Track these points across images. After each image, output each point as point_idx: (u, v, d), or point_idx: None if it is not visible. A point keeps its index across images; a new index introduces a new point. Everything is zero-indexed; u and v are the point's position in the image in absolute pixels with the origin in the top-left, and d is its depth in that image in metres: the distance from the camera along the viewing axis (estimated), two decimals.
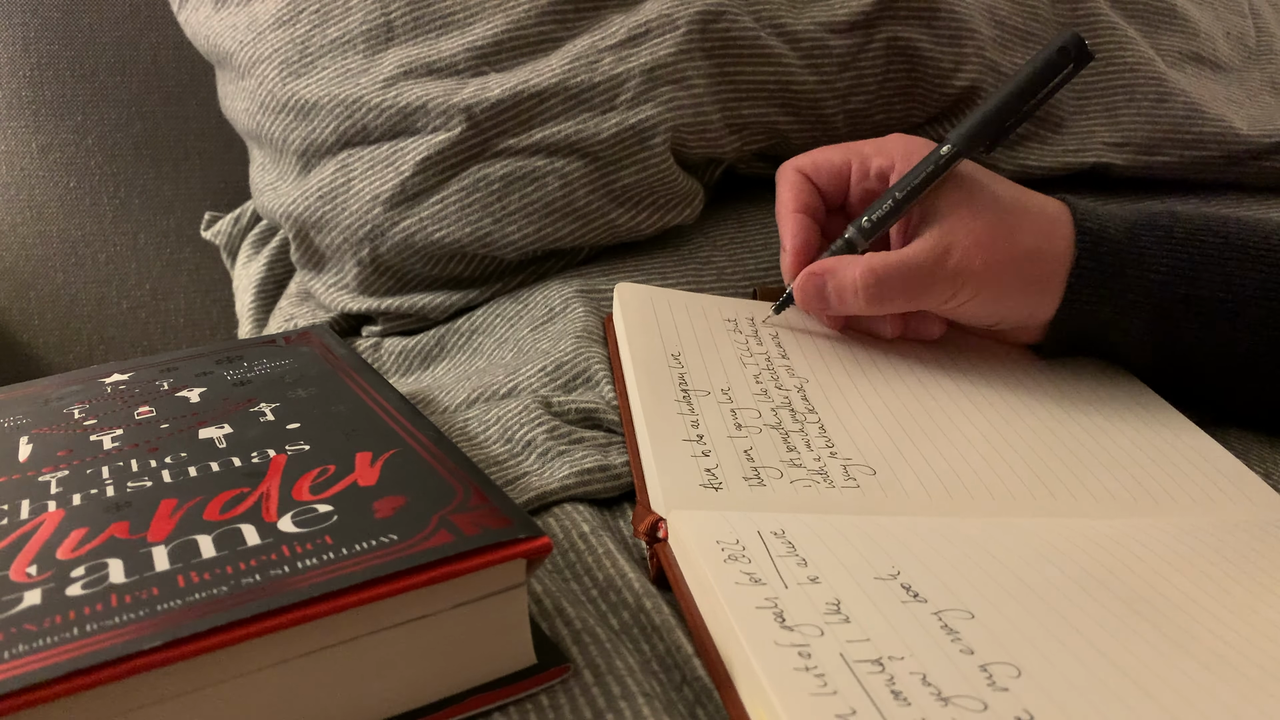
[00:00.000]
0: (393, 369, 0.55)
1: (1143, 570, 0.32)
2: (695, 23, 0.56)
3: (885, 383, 0.45)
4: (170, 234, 0.86)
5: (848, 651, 0.27)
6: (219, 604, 0.25)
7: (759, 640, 0.27)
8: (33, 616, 0.25)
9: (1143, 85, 0.64)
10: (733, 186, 0.63)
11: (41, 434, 0.37)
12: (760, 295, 0.53)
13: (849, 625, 0.28)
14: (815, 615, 0.28)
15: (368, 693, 0.27)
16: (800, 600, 0.29)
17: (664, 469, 0.36)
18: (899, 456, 0.40)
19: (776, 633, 0.27)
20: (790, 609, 0.28)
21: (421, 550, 0.27)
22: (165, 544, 0.28)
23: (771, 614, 0.28)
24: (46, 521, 0.30)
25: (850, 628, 0.28)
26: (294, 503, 0.30)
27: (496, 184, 0.53)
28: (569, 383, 0.46)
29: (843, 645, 0.27)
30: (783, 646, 0.27)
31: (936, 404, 0.44)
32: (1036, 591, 0.30)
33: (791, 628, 0.27)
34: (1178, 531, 0.35)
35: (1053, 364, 0.48)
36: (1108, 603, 0.30)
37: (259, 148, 0.62)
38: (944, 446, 0.41)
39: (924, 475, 0.39)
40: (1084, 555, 0.33)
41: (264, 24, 0.59)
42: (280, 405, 0.38)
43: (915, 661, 0.26)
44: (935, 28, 0.61)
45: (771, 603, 0.29)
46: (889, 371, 0.46)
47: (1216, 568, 0.32)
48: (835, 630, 0.28)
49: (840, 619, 0.28)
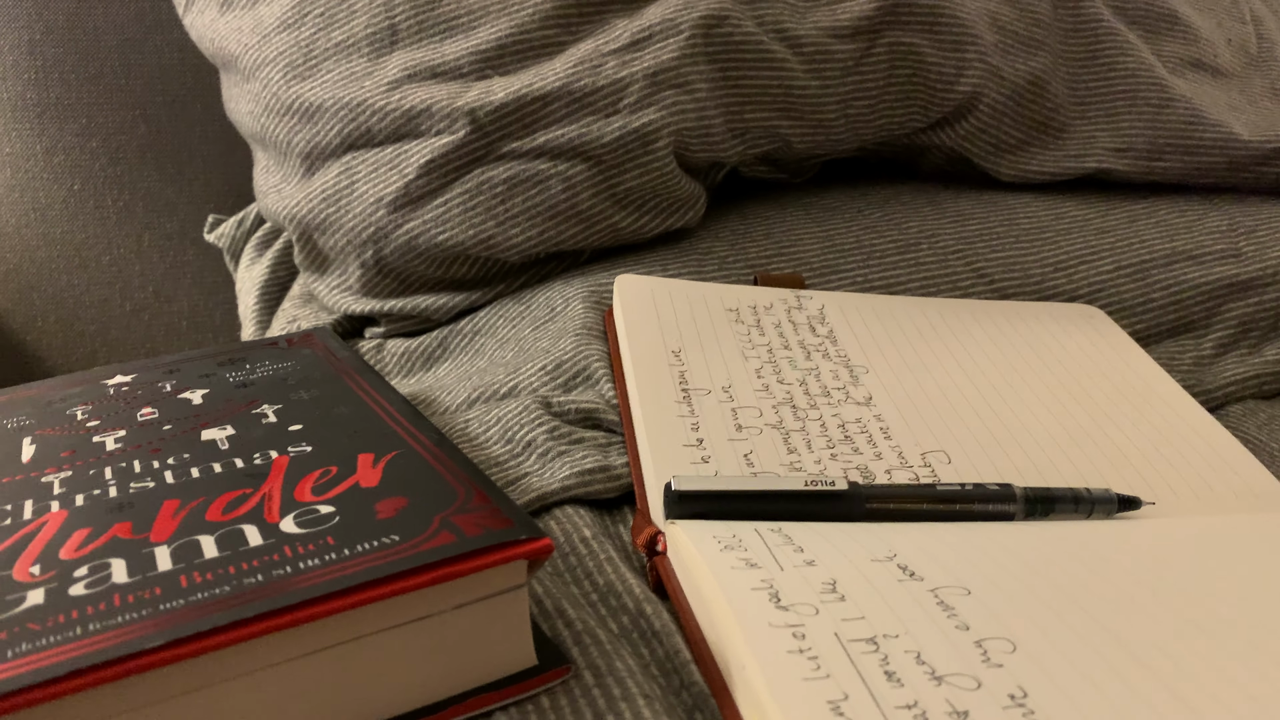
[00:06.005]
0: (395, 370, 0.55)
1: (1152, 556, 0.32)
2: (698, 27, 0.56)
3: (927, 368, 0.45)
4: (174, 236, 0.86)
5: (843, 630, 0.27)
6: (221, 604, 0.25)
7: (753, 623, 0.27)
8: (36, 616, 0.25)
9: (1144, 91, 0.64)
10: (734, 183, 0.64)
11: (45, 435, 0.37)
12: (760, 281, 0.53)
13: (845, 604, 0.28)
14: (811, 594, 0.28)
15: (369, 693, 0.28)
16: (796, 581, 0.29)
17: (664, 478, 0.36)
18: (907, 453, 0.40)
19: (771, 613, 0.27)
20: (786, 589, 0.28)
21: (423, 551, 0.27)
22: (168, 544, 0.28)
23: (767, 594, 0.28)
24: (49, 522, 0.30)
25: (846, 606, 0.28)
26: (296, 504, 0.30)
27: (500, 187, 0.53)
28: (569, 381, 0.46)
29: (838, 624, 0.27)
30: (777, 628, 0.27)
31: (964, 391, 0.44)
32: (1035, 568, 0.30)
33: (787, 607, 0.27)
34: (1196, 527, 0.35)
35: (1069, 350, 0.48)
36: (1113, 579, 0.30)
37: (263, 150, 0.62)
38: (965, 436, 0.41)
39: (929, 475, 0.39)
40: (1090, 538, 0.33)
41: (269, 27, 0.59)
42: (282, 407, 0.38)
43: (910, 639, 0.26)
44: (938, 33, 0.61)
45: (767, 584, 0.29)
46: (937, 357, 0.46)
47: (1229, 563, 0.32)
48: (831, 609, 0.28)
49: (836, 597, 0.28)
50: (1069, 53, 0.65)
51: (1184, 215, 0.62)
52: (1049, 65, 0.64)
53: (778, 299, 0.50)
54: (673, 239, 0.58)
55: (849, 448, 0.40)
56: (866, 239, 0.58)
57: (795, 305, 0.50)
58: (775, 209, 0.62)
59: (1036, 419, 0.43)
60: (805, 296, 0.51)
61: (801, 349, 0.46)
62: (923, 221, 0.60)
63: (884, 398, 0.43)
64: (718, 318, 0.48)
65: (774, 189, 0.65)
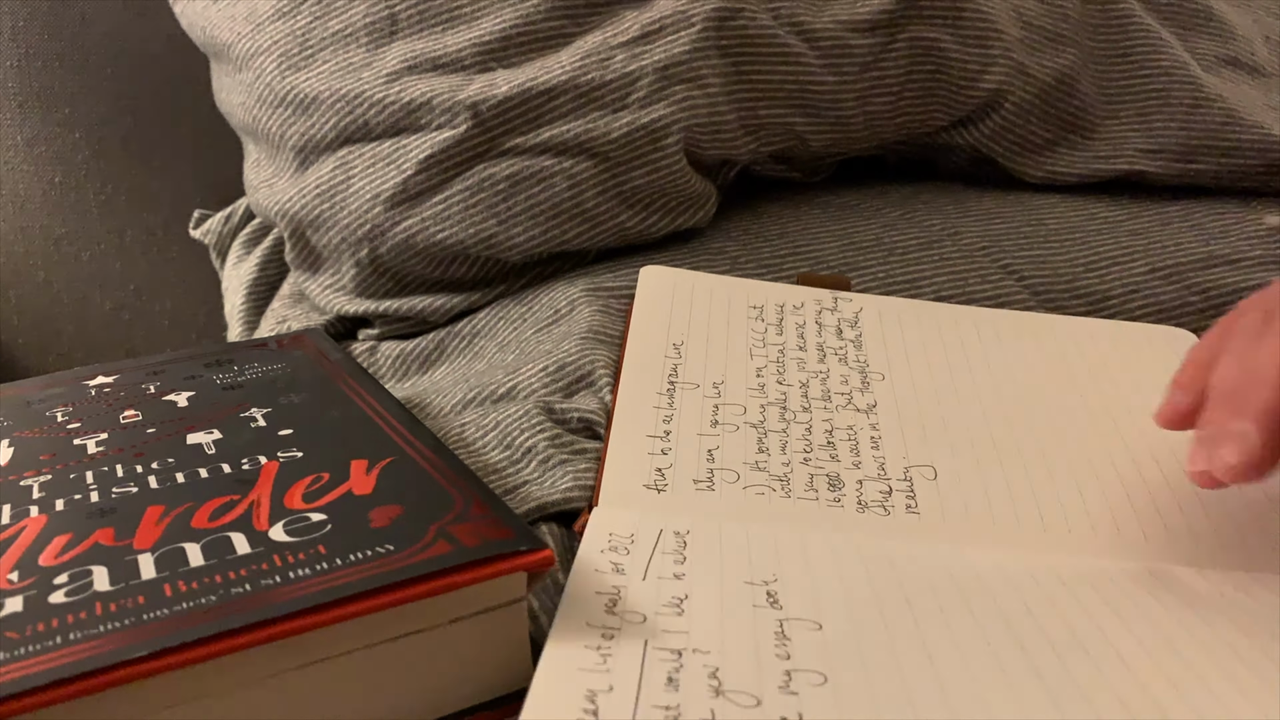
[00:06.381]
0: (389, 374, 0.55)
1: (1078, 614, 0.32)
2: (711, 20, 0.56)
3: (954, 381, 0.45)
4: (157, 232, 0.86)
5: (656, 639, 0.29)
6: (207, 614, 0.25)
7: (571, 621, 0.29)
8: (14, 624, 0.25)
9: (1177, 90, 0.64)
10: (745, 182, 0.64)
11: (23, 437, 0.37)
12: (803, 282, 0.53)
13: (680, 618, 0.30)
14: (652, 607, 0.30)
15: (360, 709, 0.28)
16: (646, 593, 0.31)
17: (616, 466, 0.38)
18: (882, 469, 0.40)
19: (595, 615, 0.30)
20: (630, 599, 0.30)
21: (419, 561, 0.27)
22: (152, 551, 0.29)
23: (606, 599, 0.30)
24: (29, 527, 0.30)
25: (679, 620, 0.30)
26: (286, 511, 0.30)
27: (502, 184, 0.54)
28: (571, 385, 0.46)
29: (655, 634, 0.29)
30: (593, 627, 0.29)
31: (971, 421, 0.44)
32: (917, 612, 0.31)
33: (617, 614, 0.30)
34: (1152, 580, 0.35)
35: None
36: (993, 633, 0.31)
37: (254, 143, 0.63)
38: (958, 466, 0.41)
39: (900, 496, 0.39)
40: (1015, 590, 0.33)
41: (263, 15, 0.60)
42: (272, 411, 0.38)
43: (717, 658, 0.28)
44: (960, 28, 0.61)
45: (615, 590, 0.31)
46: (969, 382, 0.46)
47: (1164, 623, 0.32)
48: (661, 620, 0.30)
49: (674, 613, 0.30)
50: (1098, 49, 0.65)
51: (1220, 219, 0.62)
52: (1077, 62, 0.64)
53: (811, 299, 0.51)
54: (682, 238, 0.58)
55: (826, 454, 0.40)
56: (887, 236, 0.58)
57: (830, 307, 0.50)
58: (790, 207, 0.62)
59: (1060, 449, 0.42)
60: (844, 299, 0.51)
61: (818, 351, 0.47)
62: (946, 219, 0.60)
63: (889, 407, 0.43)
64: (736, 314, 0.48)
65: (787, 188, 0.65)
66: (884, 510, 0.38)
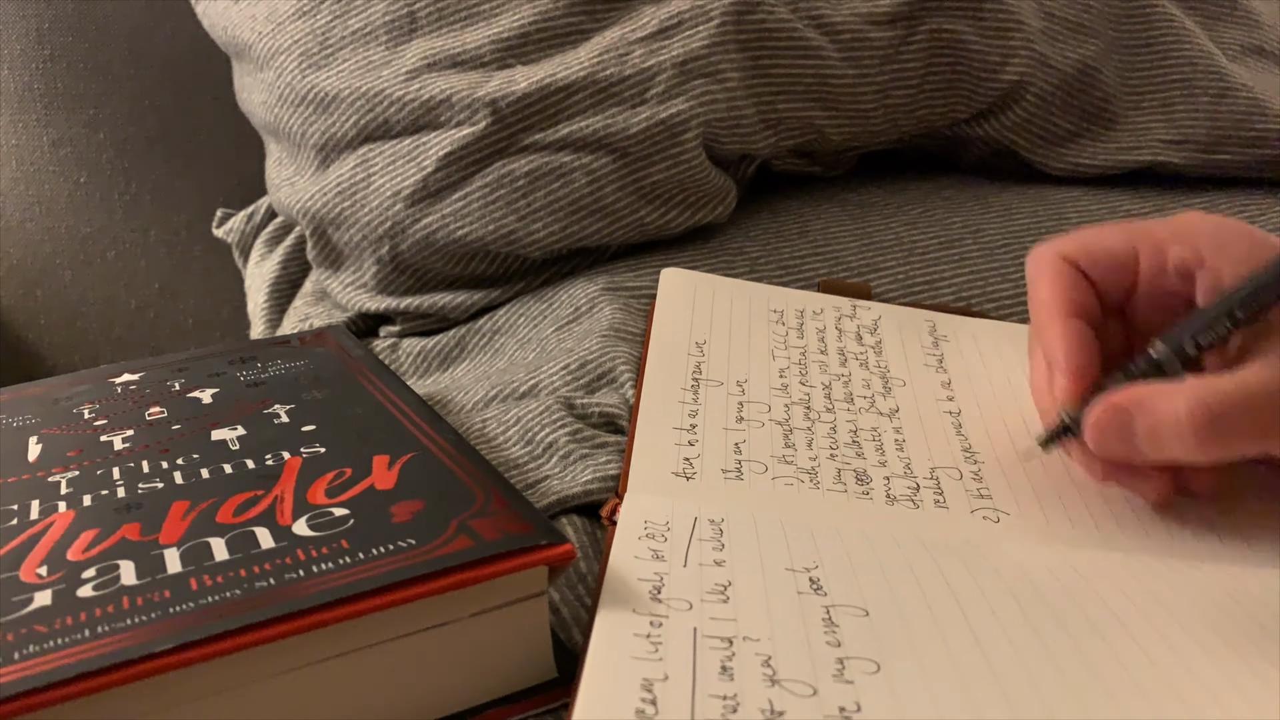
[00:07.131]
0: (410, 371, 0.56)
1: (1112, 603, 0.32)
2: (729, 14, 0.56)
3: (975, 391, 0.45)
4: (181, 231, 0.87)
5: (704, 627, 0.28)
6: (232, 607, 0.26)
7: (617, 607, 0.29)
8: (43, 618, 0.26)
9: (1202, 80, 0.63)
10: (765, 179, 0.64)
11: (51, 434, 0.38)
12: (824, 288, 0.53)
13: (725, 605, 0.29)
14: (695, 592, 0.30)
15: (382, 702, 0.28)
16: (689, 579, 0.30)
17: (643, 454, 0.38)
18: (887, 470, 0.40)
19: (642, 602, 0.29)
20: (673, 585, 0.30)
21: (440, 555, 0.28)
22: (177, 546, 0.29)
23: (650, 587, 0.30)
24: (57, 522, 0.31)
25: (725, 607, 0.29)
26: (309, 506, 0.31)
27: (522, 180, 0.54)
28: (592, 382, 0.46)
29: (704, 621, 0.28)
30: (640, 615, 0.28)
31: None
32: (962, 601, 0.31)
33: (662, 600, 0.29)
34: None
35: None
36: (1039, 622, 0.30)
37: (276, 142, 0.63)
38: None
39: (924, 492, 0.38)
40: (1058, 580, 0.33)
41: (284, 15, 0.60)
42: (295, 407, 0.39)
43: (769, 644, 0.28)
44: (981, 19, 0.60)
45: (659, 577, 0.30)
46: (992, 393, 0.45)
47: None
48: (707, 607, 0.29)
49: (719, 599, 0.29)
50: (1121, 40, 0.65)
51: (1245, 210, 0.61)
52: (1100, 53, 0.63)
53: (831, 305, 0.51)
54: (702, 238, 0.58)
55: (853, 451, 0.40)
56: (907, 236, 0.58)
57: (849, 314, 0.50)
58: (809, 205, 0.62)
59: None
60: (863, 307, 0.51)
61: (839, 355, 0.47)
62: (967, 216, 0.60)
63: (911, 412, 0.43)
64: (758, 317, 0.48)
65: (805, 184, 0.65)
66: (913, 504, 0.37)
